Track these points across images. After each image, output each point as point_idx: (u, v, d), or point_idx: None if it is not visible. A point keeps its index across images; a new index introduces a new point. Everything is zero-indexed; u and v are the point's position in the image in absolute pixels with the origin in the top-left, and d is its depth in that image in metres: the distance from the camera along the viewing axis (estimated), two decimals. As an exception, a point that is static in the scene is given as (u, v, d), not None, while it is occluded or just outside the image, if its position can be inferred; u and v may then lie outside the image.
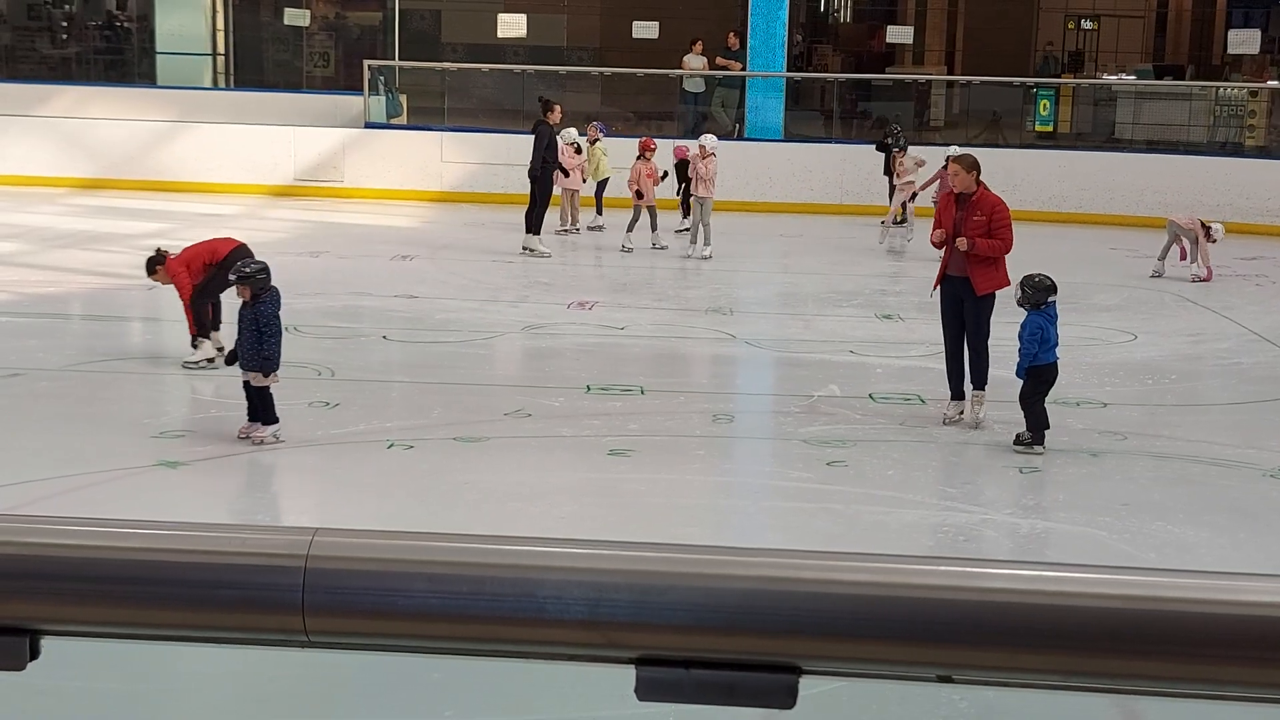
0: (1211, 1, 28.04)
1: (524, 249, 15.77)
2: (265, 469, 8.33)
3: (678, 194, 17.73)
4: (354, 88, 22.04)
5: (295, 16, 24.46)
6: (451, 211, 16.59)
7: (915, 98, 23.89)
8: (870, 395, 10.00)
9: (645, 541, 1.28)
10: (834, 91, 23.35)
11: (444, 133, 19.53)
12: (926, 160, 16.98)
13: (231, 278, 8.65)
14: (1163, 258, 15.26)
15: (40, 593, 1.26)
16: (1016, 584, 1.21)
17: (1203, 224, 15.11)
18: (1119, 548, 7.12)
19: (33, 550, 1.27)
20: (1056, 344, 8.79)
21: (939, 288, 9.37)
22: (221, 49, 24.88)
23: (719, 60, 22.12)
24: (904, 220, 17.15)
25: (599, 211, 17.64)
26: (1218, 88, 23.29)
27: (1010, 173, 19.25)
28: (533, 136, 15.95)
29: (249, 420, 8.46)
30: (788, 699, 1.24)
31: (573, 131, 16.95)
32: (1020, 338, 8.72)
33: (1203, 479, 8.39)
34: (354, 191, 20.02)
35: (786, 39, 21.67)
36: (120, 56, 25.97)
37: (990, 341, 9.21)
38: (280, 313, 8.51)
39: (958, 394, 9.29)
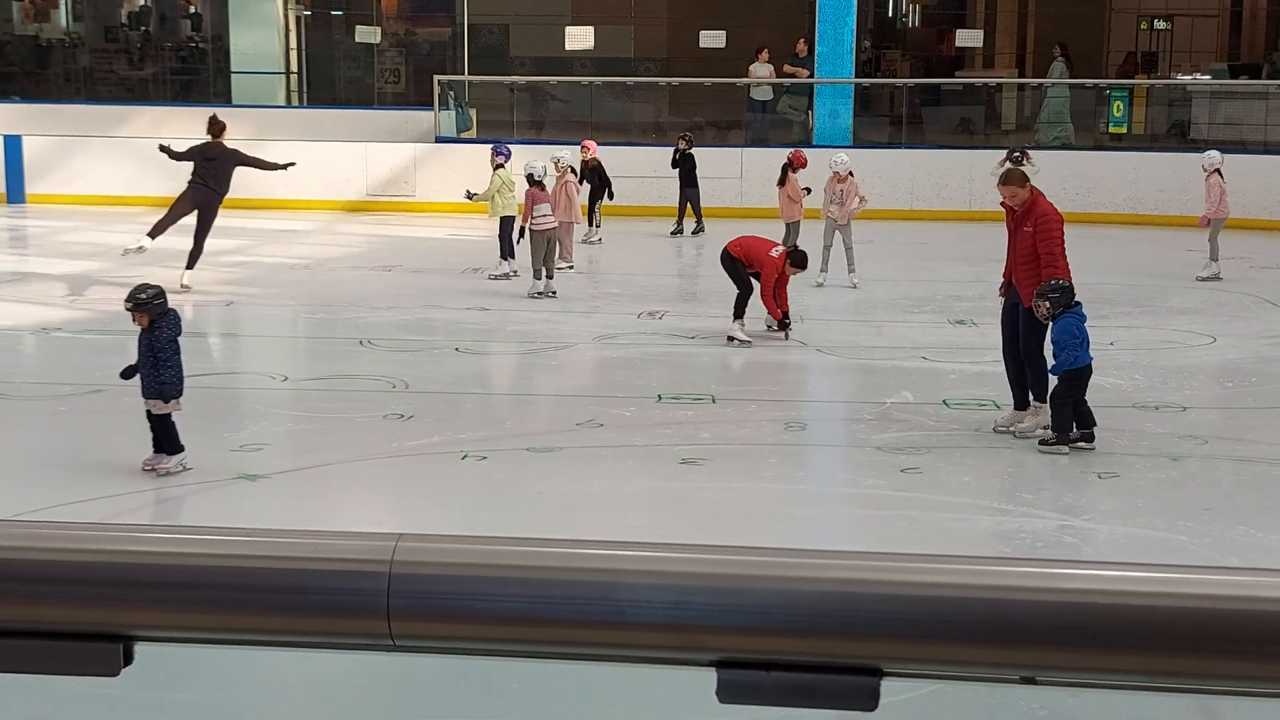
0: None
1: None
2: (341, 482, 8.41)
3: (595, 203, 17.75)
4: (424, 103, 22.24)
5: (366, 34, 24.75)
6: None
7: (986, 101, 23.70)
8: (944, 401, 9.93)
9: (724, 545, 1.29)
10: (903, 97, 23.22)
11: (513, 145, 19.61)
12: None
13: (126, 305, 8.04)
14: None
15: (133, 600, 1.29)
16: (1098, 584, 1.21)
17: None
18: (1201, 553, 7.01)
19: (125, 558, 1.30)
20: (1089, 342, 8.73)
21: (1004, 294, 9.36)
22: (295, 67, 25.20)
23: (786, 67, 22.08)
24: None
25: (508, 254, 14.92)
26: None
27: (1084, 175, 19.05)
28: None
29: (154, 451, 8.05)
30: (869, 701, 1.24)
31: (566, 153, 16.16)
32: (1055, 341, 8.66)
33: (1286, 483, 8.24)
34: (425, 205, 20.19)
35: (855, 45, 21.59)
36: (196, 76, 26.41)
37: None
38: (179, 337, 8.04)
39: (1020, 404, 9.17)
